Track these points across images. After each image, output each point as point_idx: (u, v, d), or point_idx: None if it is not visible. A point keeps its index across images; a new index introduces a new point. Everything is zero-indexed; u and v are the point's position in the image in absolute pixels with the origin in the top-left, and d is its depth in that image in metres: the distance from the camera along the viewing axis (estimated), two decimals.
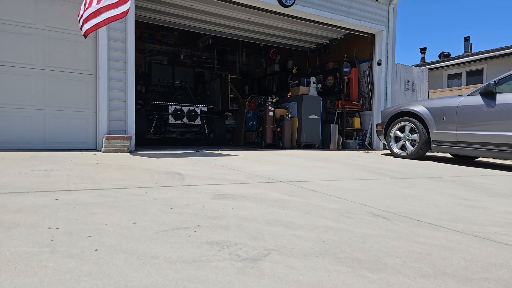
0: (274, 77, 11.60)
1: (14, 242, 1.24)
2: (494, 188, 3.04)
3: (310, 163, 4.49)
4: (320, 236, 1.45)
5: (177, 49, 12.58)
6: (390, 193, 2.56)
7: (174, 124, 7.41)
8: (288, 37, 9.38)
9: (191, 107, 7.56)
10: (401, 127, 5.88)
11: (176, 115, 7.36)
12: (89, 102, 5.30)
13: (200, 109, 7.69)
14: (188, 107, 7.51)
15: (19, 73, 4.91)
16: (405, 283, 1.05)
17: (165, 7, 7.35)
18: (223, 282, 1.00)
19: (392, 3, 7.98)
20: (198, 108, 7.68)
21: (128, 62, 5.40)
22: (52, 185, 2.33)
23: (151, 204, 1.89)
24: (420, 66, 15.29)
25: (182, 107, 7.44)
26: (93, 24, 4.31)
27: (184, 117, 7.44)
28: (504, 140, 4.53)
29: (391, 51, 8.22)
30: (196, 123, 7.61)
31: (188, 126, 7.60)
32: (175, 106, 7.37)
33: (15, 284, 0.93)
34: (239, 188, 2.46)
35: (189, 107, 7.52)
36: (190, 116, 7.51)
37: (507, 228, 1.72)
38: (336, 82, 8.99)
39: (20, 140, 4.92)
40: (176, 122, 7.37)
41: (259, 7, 6.75)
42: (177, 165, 3.61)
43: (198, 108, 7.66)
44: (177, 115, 7.38)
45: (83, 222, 1.52)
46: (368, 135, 8.55)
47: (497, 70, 12.64)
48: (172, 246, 1.26)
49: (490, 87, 4.72)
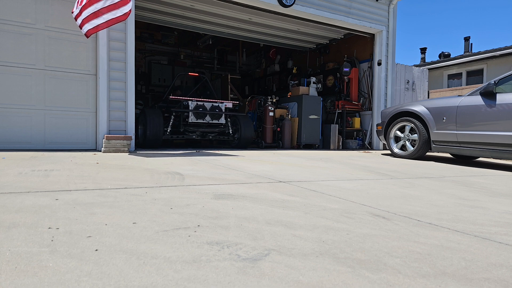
0: (274, 77, 11.61)
1: (14, 242, 1.24)
2: (494, 188, 3.04)
3: (310, 163, 4.49)
4: (320, 236, 1.45)
5: (177, 49, 12.58)
6: (390, 193, 2.56)
7: (195, 124, 6.39)
8: (288, 37, 9.38)
9: (215, 104, 6.52)
10: (401, 127, 5.88)
11: (198, 112, 6.32)
12: (89, 102, 5.30)
13: (224, 106, 6.65)
14: (211, 103, 6.48)
15: (19, 73, 4.91)
16: (405, 283, 1.05)
17: (165, 7, 7.35)
18: (223, 282, 1.00)
19: (392, 3, 7.98)
20: (223, 104, 6.63)
21: (128, 62, 5.40)
22: (52, 185, 2.33)
23: (151, 204, 1.89)
24: (420, 66, 15.29)
25: (204, 103, 6.41)
26: (94, 25, 4.31)
27: (207, 115, 6.43)
28: (504, 140, 4.53)
29: (391, 51, 8.22)
30: (220, 122, 6.58)
31: (210, 126, 6.59)
32: (196, 102, 6.33)
33: (15, 284, 0.93)
34: (239, 188, 2.46)
35: (212, 104, 6.49)
36: (213, 114, 6.50)
37: (507, 228, 1.72)
38: (336, 82, 8.99)
39: (20, 140, 4.92)
40: (197, 121, 6.34)
41: (259, 7, 6.75)
42: (177, 165, 3.61)
43: (222, 104, 6.62)
44: (199, 112, 6.34)
45: (83, 222, 1.52)
46: (368, 135, 8.55)
47: (497, 70, 12.64)
48: (172, 246, 1.26)
49: (490, 87, 4.72)
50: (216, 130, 6.69)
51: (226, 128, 6.80)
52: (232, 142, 7.09)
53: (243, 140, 6.83)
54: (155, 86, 11.86)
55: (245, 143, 6.88)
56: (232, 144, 7.12)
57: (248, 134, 6.83)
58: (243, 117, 7.02)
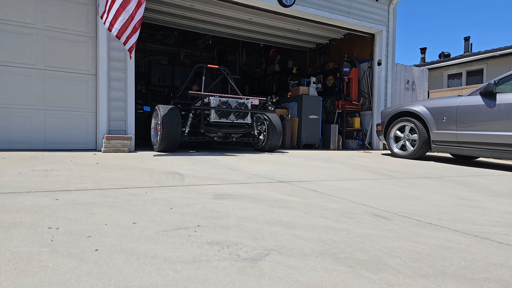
0: (274, 77, 11.61)
1: (14, 242, 1.24)
2: (494, 188, 3.04)
3: (310, 163, 4.49)
4: (320, 236, 1.45)
5: (177, 49, 12.58)
6: (390, 193, 2.56)
7: (218, 123, 5.49)
8: (288, 37, 9.38)
9: (240, 100, 5.62)
10: (401, 127, 5.88)
11: (222, 110, 5.40)
12: (89, 102, 5.30)
13: (250, 103, 5.74)
14: (235, 99, 5.58)
15: (19, 73, 4.91)
16: (405, 283, 1.05)
17: (165, 7, 7.35)
18: (223, 282, 1.00)
19: (392, 3, 7.98)
20: (248, 101, 5.72)
21: (128, 62, 5.40)
22: (52, 185, 2.33)
23: (151, 204, 1.89)
24: (420, 66, 15.29)
25: (229, 99, 5.53)
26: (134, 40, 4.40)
27: (231, 114, 5.52)
28: (504, 140, 4.53)
29: (391, 51, 8.22)
30: (246, 121, 5.66)
31: (235, 126, 5.67)
32: (219, 98, 5.42)
33: (15, 284, 0.93)
34: (239, 188, 2.46)
35: (237, 100, 5.59)
36: (238, 112, 5.57)
37: (507, 228, 1.72)
38: (336, 82, 8.99)
39: (20, 140, 4.92)
40: (220, 120, 5.42)
41: (259, 7, 6.75)
42: (177, 165, 3.61)
43: (248, 101, 5.71)
44: (223, 110, 5.42)
45: (83, 222, 1.52)
46: (368, 135, 8.55)
47: (497, 70, 12.64)
48: (172, 246, 1.26)
49: (490, 87, 4.72)
50: (241, 131, 5.79)
51: (251, 129, 5.92)
52: (257, 145, 6.25)
53: (271, 142, 5.97)
54: (155, 86, 11.87)
55: (273, 145, 6.03)
56: (256, 147, 6.27)
57: (276, 136, 5.99)
58: (272, 116, 6.16)
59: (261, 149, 6.16)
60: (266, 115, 6.16)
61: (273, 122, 6.00)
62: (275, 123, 6.00)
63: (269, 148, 6.04)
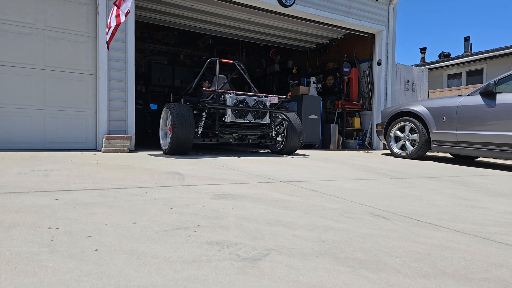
0: (274, 77, 11.61)
1: (14, 242, 1.24)
2: (494, 188, 3.04)
3: (310, 163, 4.49)
4: (320, 236, 1.45)
5: (177, 49, 12.57)
6: (390, 193, 2.56)
7: (234, 124, 5.07)
8: (288, 37, 9.38)
9: (258, 98, 5.20)
10: (401, 127, 5.88)
11: (239, 109, 5.00)
12: (89, 102, 5.30)
13: (269, 101, 5.31)
14: (253, 97, 5.16)
15: (19, 73, 4.91)
16: (405, 283, 1.05)
17: (165, 7, 7.36)
18: (223, 282, 1.00)
19: (392, 3, 7.98)
20: (267, 99, 5.29)
21: (128, 62, 5.40)
22: (52, 185, 2.33)
23: (151, 204, 1.89)
24: (420, 66, 15.29)
25: (246, 97, 5.10)
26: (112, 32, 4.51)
27: (248, 113, 5.10)
28: (504, 140, 4.53)
29: (391, 51, 8.22)
30: (264, 121, 5.26)
31: (252, 127, 5.26)
32: (236, 96, 5.01)
33: (15, 284, 0.93)
34: (239, 188, 2.46)
35: (255, 98, 5.17)
36: (256, 112, 5.14)
37: (507, 228, 1.72)
38: (336, 82, 8.99)
39: (20, 140, 4.92)
40: (236, 120, 5.01)
41: (259, 7, 6.75)
42: (177, 165, 3.61)
43: (266, 99, 5.28)
44: (240, 110, 5.01)
45: (83, 222, 1.52)
46: (368, 135, 8.55)
47: (497, 70, 12.64)
48: (172, 246, 1.26)
49: (490, 87, 4.72)
50: (259, 132, 5.32)
51: (270, 130, 5.45)
52: (274, 147, 5.85)
53: (290, 144, 5.53)
54: (155, 86, 11.87)
55: (292, 147, 5.59)
56: (274, 149, 5.87)
57: (296, 137, 5.52)
58: (291, 116, 5.72)
59: (279, 151, 5.71)
60: (285, 115, 5.70)
61: (292, 123, 5.53)
62: (295, 124, 5.53)
63: (288, 150, 5.60)
